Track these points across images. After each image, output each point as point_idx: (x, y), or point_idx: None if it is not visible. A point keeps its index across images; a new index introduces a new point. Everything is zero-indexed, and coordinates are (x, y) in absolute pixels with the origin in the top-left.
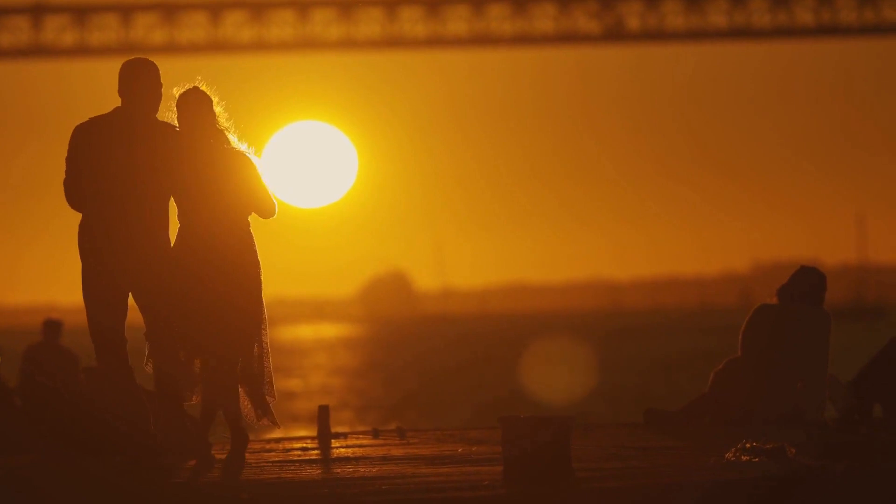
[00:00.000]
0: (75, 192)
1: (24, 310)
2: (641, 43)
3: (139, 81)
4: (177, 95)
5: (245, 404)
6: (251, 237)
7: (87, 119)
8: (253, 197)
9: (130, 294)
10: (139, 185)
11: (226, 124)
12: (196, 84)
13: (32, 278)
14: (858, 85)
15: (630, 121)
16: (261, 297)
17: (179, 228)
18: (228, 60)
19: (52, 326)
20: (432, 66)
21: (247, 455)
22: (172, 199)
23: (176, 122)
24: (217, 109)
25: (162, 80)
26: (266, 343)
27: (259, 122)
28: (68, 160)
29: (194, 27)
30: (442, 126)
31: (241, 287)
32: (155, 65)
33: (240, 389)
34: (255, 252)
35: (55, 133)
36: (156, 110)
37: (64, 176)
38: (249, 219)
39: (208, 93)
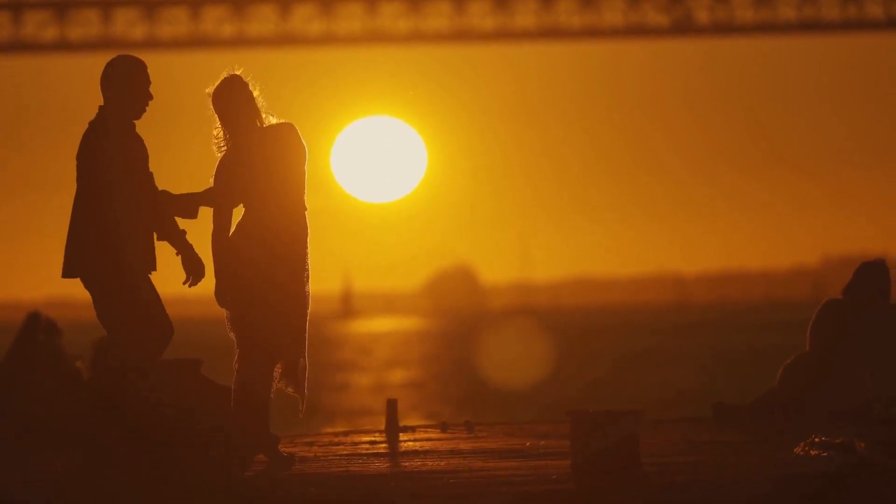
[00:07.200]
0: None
1: (89, 303)
2: (710, 36)
3: (140, 78)
4: (211, 91)
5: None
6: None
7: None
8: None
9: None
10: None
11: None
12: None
13: None
14: None
15: (698, 114)
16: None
17: (245, 220)
18: (297, 55)
19: None
20: (500, 59)
21: (316, 448)
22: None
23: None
24: (255, 93)
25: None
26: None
27: (329, 118)
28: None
29: (263, 21)
30: (510, 120)
31: (290, 276)
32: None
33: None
34: (305, 242)
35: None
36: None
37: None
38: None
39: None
